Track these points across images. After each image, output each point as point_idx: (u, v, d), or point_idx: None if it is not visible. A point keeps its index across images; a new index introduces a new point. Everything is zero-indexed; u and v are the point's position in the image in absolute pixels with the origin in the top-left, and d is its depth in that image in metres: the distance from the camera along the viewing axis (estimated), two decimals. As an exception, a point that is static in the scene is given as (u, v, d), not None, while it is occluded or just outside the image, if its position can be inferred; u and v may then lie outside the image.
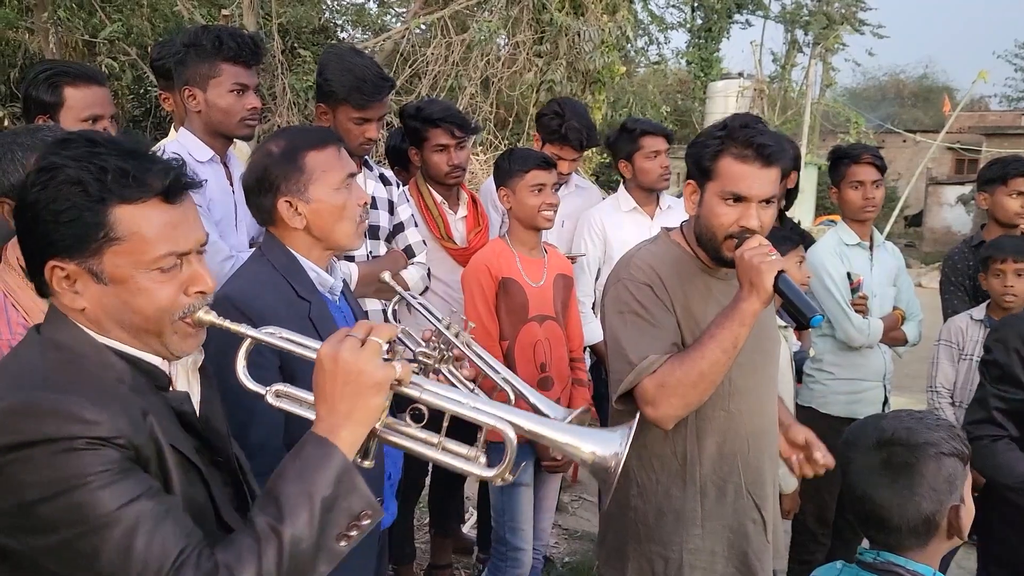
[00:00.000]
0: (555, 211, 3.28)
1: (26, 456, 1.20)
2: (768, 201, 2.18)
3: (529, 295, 3.19)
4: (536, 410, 2.29)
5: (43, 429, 1.20)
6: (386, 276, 2.67)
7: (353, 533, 1.33)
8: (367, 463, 1.45)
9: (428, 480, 4.04)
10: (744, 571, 2.34)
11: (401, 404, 1.47)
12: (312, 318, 1.97)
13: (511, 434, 1.40)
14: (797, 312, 2.09)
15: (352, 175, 2.14)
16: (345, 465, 1.33)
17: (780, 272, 2.05)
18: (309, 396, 1.45)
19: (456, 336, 2.29)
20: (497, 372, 2.28)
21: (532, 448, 3.23)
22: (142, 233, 1.32)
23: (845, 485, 1.78)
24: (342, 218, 2.11)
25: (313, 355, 1.40)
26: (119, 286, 1.33)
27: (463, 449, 1.46)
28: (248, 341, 1.49)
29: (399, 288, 2.73)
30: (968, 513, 1.70)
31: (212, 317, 1.41)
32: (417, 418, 1.46)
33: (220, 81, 2.75)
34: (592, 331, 3.83)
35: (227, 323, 1.43)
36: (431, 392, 1.44)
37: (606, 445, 1.50)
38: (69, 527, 1.20)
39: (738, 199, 2.15)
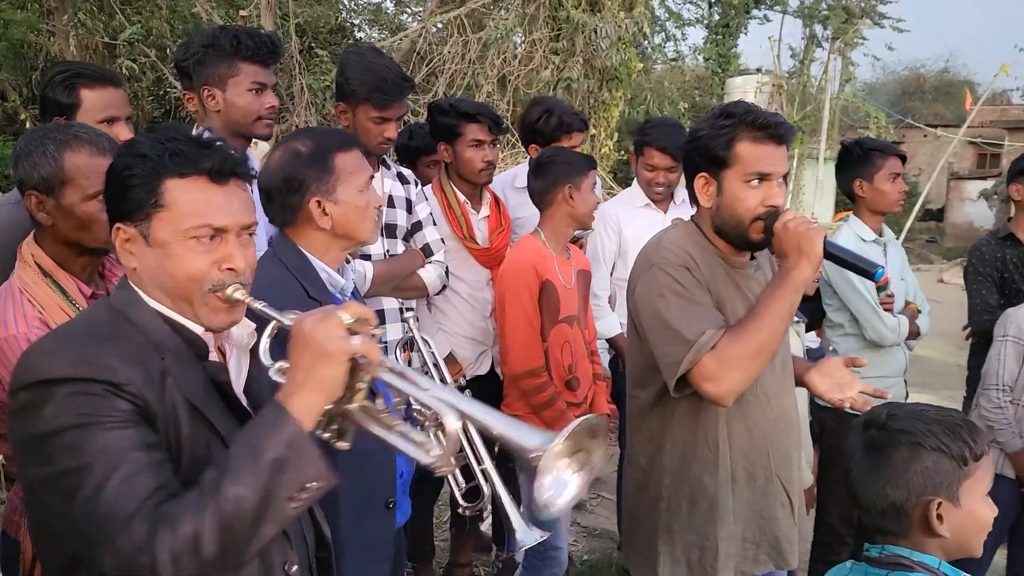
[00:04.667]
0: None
1: (49, 392, 1.33)
2: (783, 179, 2.24)
3: (561, 296, 3.20)
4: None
5: (66, 369, 1.34)
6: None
7: (303, 496, 1.38)
8: (342, 444, 1.52)
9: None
10: (775, 556, 2.35)
11: None
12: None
13: (452, 425, 1.40)
14: (859, 270, 2.14)
15: (372, 177, 2.19)
16: (296, 430, 1.37)
17: (825, 237, 2.10)
18: None
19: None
20: (480, 462, 2.17)
21: None
22: (181, 203, 1.49)
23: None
24: (365, 218, 2.15)
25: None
26: (159, 250, 1.49)
27: (418, 436, 1.51)
28: (273, 323, 1.60)
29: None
30: (968, 518, 1.66)
31: (241, 295, 1.52)
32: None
33: (239, 80, 2.77)
34: (610, 324, 3.82)
35: (256, 303, 1.54)
36: (394, 375, 1.48)
37: (534, 437, 1.53)
38: (64, 462, 1.31)
39: (761, 179, 2.19)
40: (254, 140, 3.05)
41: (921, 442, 1.65)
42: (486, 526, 4.44)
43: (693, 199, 2.33)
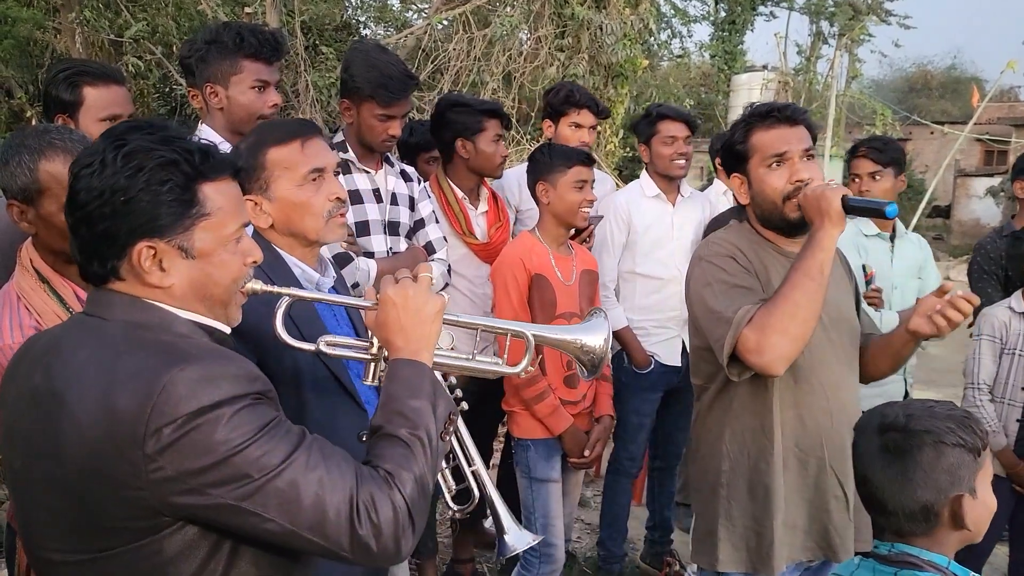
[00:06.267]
0: (591, 208, 3.30)
1: (216, 416, 1.29)
2: (809, 155, 2.31)
3: (558, 292, 3.19)
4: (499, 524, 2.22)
5: (225, 390, 1.31)
6: None
7: (450, 429, 1.58)
8: None
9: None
10: (824, 546, 2.37)
11: None
12: (292, 315, 1.88)
13: (529, 335, 1.84)
14: (874, 213, 2.26)
15: (319, 170, 2.06)
16: (435, 378, 1.59)
17: (844, 194, 2.16)
18: (355, 342, 1.80)
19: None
20: (471, 464, 2.17)
21: (559, 445, 3.23)
22: (225, 208, 1.45)
23: (854, 467, 1.80)
24: (307, 215, 2.05)
25: (362, 303, 1.71)
26: (204, 260, 1.44)
27: (489, 359, 1.87)
28: (285, 303, 1.71)
29: None
30: (982, 507, 1.67)
31: (260, 286, 1.58)
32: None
33: (241, 78, 2.76)
34: (616, 317, 3.83)
35: (275, 288, 1.64)
36: (464, 315, 1.87)
37: (599, 333, 1.96)
38: (260, 470, 1.30)
39: (780, 159, 2.29)
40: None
41: (944, 439, 1.65)
42: (489, 523, 4.44)
43: (737, 202, 2.46)
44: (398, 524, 1.36)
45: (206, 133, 2.81)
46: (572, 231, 3.43)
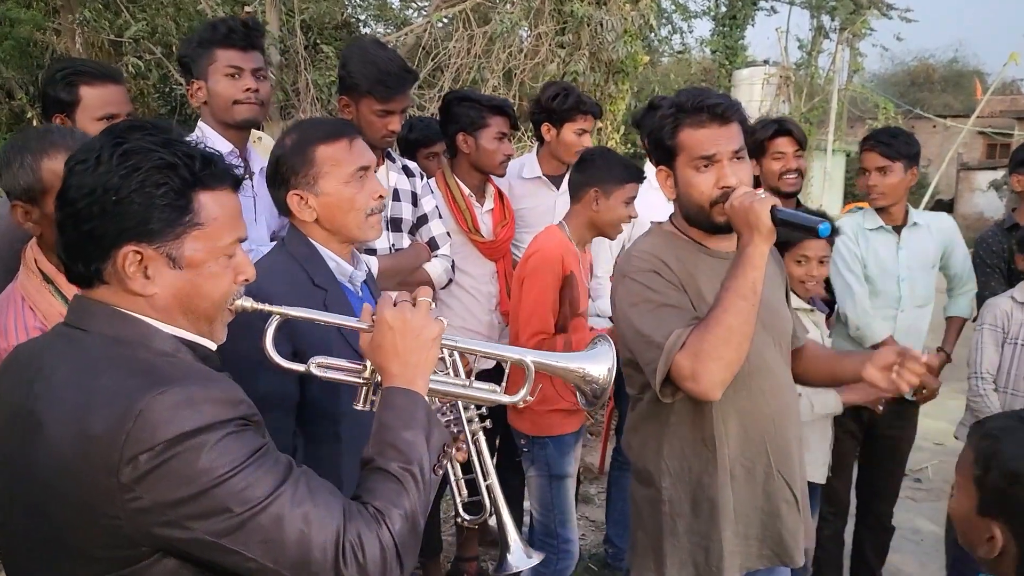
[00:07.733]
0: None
1: (197, 443, 1.23)
2: (739, 156, 2.17)
3: (580, 291, 3.21)
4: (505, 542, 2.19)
5: (207, 416, 1.24)
6: None
7: (444, 462, 1.52)
8: None
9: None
10: (780, 551, 2.32)
11: None
12: (327, 305, 1.97)
13: (530, 363, 1.77)
14: (804, 230, 2.09)
15: (365, 168, 2.13)
16: (429, 407, 1.53)
17: (773, 206, 2.04)
18: (347, 364, 1.72)
19: (469, 423, 2.11)
20: (485, 477, 2.17)
21: (576, 440, 3.23)
22: (220, 219, 1.39)
23: None
24: (352, 210, 2.11)
25: (358, 324, 1.64)
26: (193, 271, 1.37)
27: (486, 386, 1.81)
28: (276, 321, 1.65)
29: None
30: None
31: (251, 303, 1.52)
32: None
33: (216, 67, 2.78)
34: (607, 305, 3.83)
35: (265, 306, 1.57)
36: (463, 340, 1.82)
37: (604, 362, 1.87)
38: (243, 504, 1.25)
39: (708, 162, 2.15)
40: (258, 135, 3.05)
41: None
42: (493, 521, 4.43)
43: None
44: (386, 564, 1.32)
45: (203, 130, 2.82)
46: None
